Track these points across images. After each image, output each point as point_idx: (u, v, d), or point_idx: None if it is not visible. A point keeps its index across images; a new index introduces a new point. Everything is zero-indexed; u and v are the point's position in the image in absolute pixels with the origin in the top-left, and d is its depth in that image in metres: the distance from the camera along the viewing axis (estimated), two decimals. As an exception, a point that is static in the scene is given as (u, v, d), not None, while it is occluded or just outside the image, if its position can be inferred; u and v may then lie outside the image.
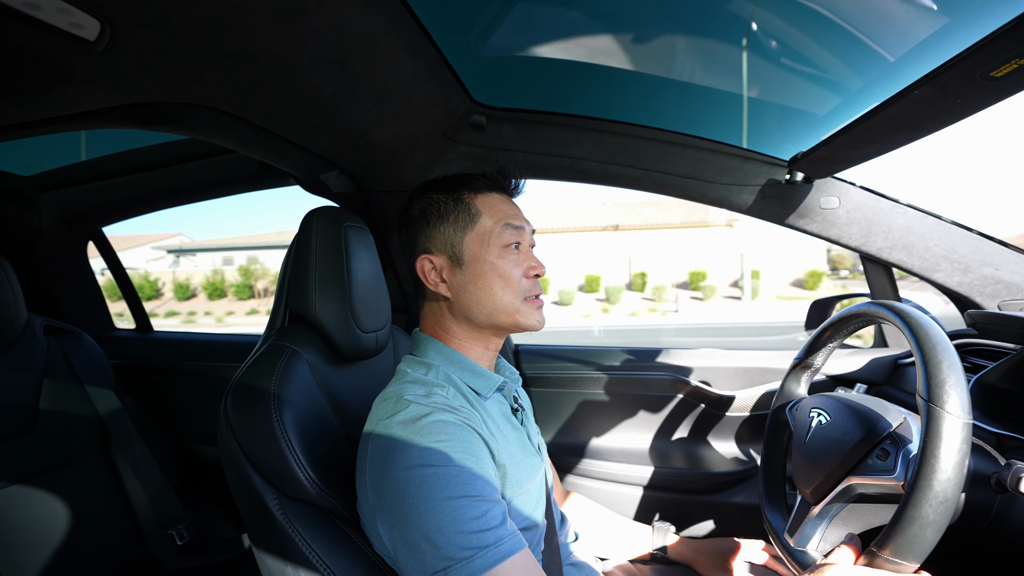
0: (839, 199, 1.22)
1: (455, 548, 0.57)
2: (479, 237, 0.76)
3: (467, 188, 0.78)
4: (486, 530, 0.58)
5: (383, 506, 0.61)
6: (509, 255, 0.76)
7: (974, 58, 0.66)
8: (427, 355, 0.77)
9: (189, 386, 1.76)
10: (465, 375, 0.76)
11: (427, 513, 0.58)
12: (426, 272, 0.77)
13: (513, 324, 0.77)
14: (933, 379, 0.60)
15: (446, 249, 0.77)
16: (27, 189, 1.63)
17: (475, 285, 0.75)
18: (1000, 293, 1.17)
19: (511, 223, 0.77)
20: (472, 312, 0.76)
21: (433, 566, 0.57)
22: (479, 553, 0.57)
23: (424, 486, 0.59)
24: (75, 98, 0.75)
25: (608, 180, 1.31)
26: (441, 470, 0.60)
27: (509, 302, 0.75)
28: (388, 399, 0.68)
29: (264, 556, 0.73)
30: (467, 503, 0.59)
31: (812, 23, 0.94)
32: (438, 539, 0.57)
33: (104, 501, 1.36)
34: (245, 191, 1.62)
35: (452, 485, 0.59)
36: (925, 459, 0.57)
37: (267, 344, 0.83)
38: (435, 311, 0.80)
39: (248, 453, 0.72)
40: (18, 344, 1.31)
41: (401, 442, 0.61)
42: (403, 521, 0.59)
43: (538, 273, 0.78)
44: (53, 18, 0.55)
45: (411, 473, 0.59)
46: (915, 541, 0.57)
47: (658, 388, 1.46)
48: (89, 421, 1.38)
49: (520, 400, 0.89)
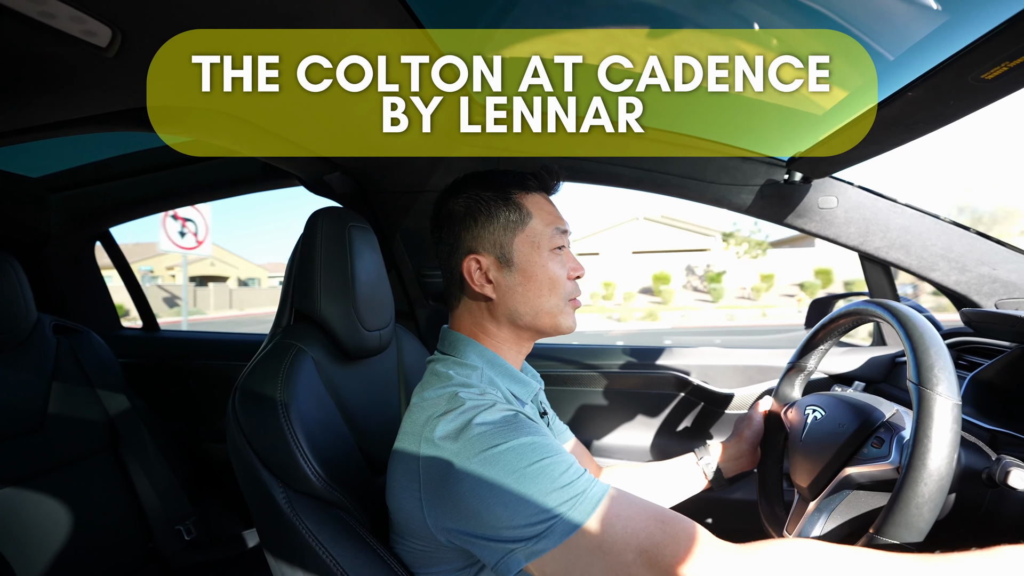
0: (837, 199, 1.23)
1: (556, 501, 0.57)
2: (529, 239, 0.75)
3: (517, 187, 0.77)
4: (578, 478, 0.59)
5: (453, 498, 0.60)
6: (556, 257, 0.76)
7: (966, 60, 0.67)
8: (468, 357, 0.75)
9: (196, 385, 1.78)
10: (506, 380, 0.75)
11: (518, 483, 0.57)
12: (471, 272, 0.75)
13: (553, 326, 0.76)
14: (922, 364, 0.62)
15: (495, 250, 0.75)
16: (35, 191, 1.65)
17: (524, 287, 0.74)
18: (997, 292, 1.18)
19: (560, 227, 0.77)
20: (518, 313, 0.75)
21: (536, 519, 0.56)
22: (580, 497, 0.57)
23: (503, 463, 0.58)
24: (86, 102, 0.77)
25: (608, 180, 1.33)
26: (515, 444, 0.59)
27: (555, 304, 0.75)
28: (439, 399, 0.66)
29: (271, 549, 0.74)
30: (551, 463, 0.59)
31: (811, 22, 0.95)
32: (536, 499, 0.56)
33: (112, 498, 1.39)
34: (250, 192, 1.64)
35: (528, 455, 0.59)
36: (918, 440, 0.59)
37: (273, 342, 0.84)
38: (474, 311, 0.78)
39: (256, 449, 0.73)
40: (28, 343, 1.33)
41: (466, 434, 0.60)
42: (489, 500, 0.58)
43: (579, 275, 0.79)
44: (67, 26, 0.57)
45: (485, 456, 0.59)
46: (913, 520, 0.58)
47: (659, 386, 1.47)
48: (98, 420, 1.40)
49: (544, 404, 0.90)
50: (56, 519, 1.26)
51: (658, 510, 0.59)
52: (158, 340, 1.90)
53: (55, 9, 0.54)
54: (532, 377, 0.87)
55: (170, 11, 0.61)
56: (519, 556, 0.57)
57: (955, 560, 0.56)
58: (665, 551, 0.56)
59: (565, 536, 0.56)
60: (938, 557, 0.57)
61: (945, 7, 0.82)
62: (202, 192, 1.66)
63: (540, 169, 0.81)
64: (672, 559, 0.55)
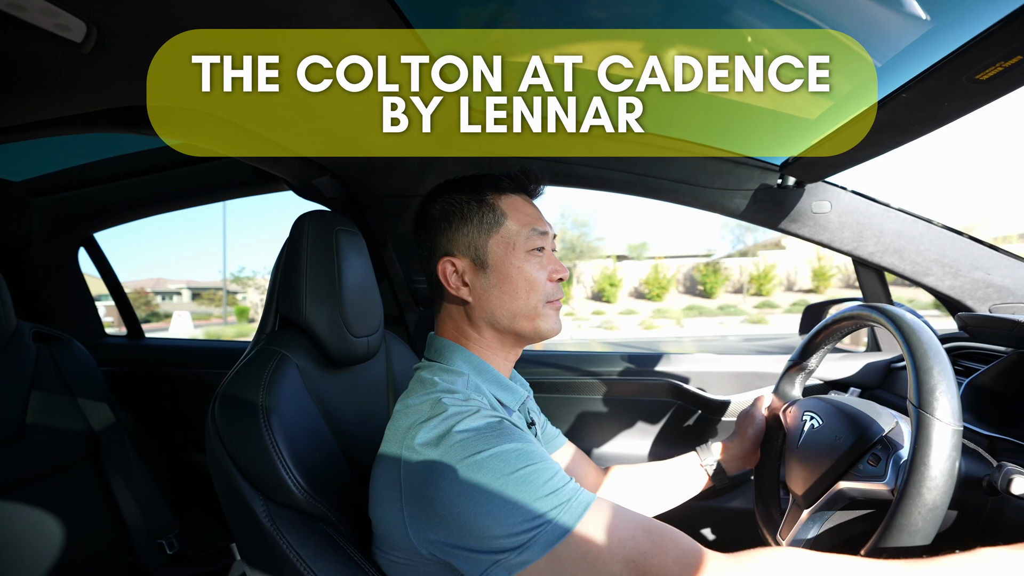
0: (831, 203, 1.22)
1: (541, 509, 0.55)
2: (504, 240, 0.74)
3: (491, 189, 0.77)
4: (563, 486, 0.57)
5: (435, 507, 0.58)
6: (534, 259, 0.75)
7: (959, 61, 0.66)
8: (454, 363, 0.74)
9: (180, 393, 1.74)
10: (493, 387, 0.74)
11: (501, 491, 0.55)
12: (447, 275, 0.75)
13: (533, 329, 0.75)
14: (924, 385, 0.59)
15: (469, 252, 0.74)
16: (17, 195, 1.62)
17: (499, 289, 0.74)
18: (991, 296, 1.18)
19: (537, 228, 0.76)
20: (495, 316, 0.74)
21: (520, 528, 0.55)
22: (565, 505, 0.55)
23: (485, 470, 0.56)
24: (63, 101, 0.75)
25: (600, 185, 1.31)
26: (498, 451, 0.57)
27: (532, 306, 0.74)
28: (422, 405, 0.64)
29: (252, 563, 0.72)
30: (534, 470, 0.57)
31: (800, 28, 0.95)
32: (520, 507, 0.55)
33: (92, 510, 1.34)
34: (238, 196, 1.61)
35: (513, 461, 0.57)
36: (915, 466, 0.57)
37: (256, 349, 0.82)
38: (454, 316, 0.77)
39: (235, 459, 0.71)
40: (7, 350, 1.30)
41: (447, 441, 0.59)
42: (471, 509, 0.56)
43: (561, 277, 0.77)
44: (38, 19, 0.55)
45: (468, 464, 0.57)
46: (903, 550, 0.57)
47: (654, 393, 1.45)
48: (79, 430, 1.36)
49: (532, 413, 0.88)
50: (33, 532, 1.22)
51: (645, 520, 0.58)
52: (143, 348, 1.86)
53: (25, 1, 0.52)
54: (521, 386, 0.85)
55: (148, 7, 0.59)
56: (502, 568, 0.55)
57: (937, 565, 0.55)
58: (653, 561, 0.54)
59: (550, 546, 0.54)
60: (921, 562, 0.56)
61: (933, 11, 0.82)
62: (189, 197, 1.63)
63: (517, 171, 0.80)
64: (660, 570, 0.54)
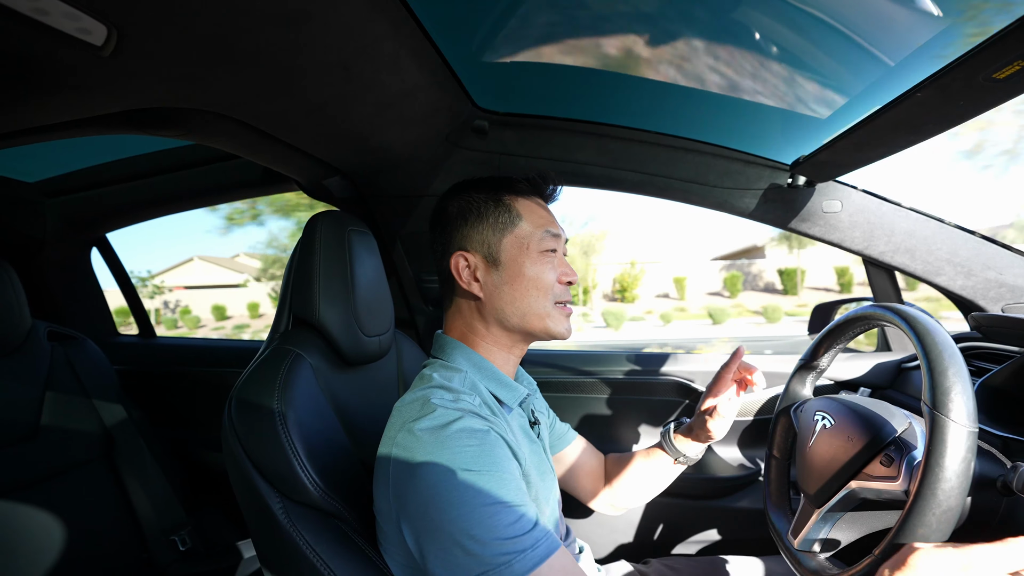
0: (841, 203, 1.22)
1: (492, 555, 0.55)
2: (518, 240, 0.76)
3: (508, 191, 0.79)
4: (522, 534, 0.57)
5: (408, 513, 0.59)
6: (545, 260, 0.77)
7: (976, 60, 0.66)
8: (454, 359, 0.76)
9: (193, 392, 1.75)
10: (491, 384, 0.75)
11: (460, 520, 0.56)
12: (459, 269, 0.76)
13: (543, 329, 0.76)
14: (938, 386, 0.59)
15: (483, 248, 0.76)
16: (31, 195, 1.63)
17: (510, 287, 0.75)
18: (1004, 296, 1.17)
19: (551, 230, 0.78)
20: (504, 314, 0.76)
21: (469, 572, 0.56)
22: (517, 557, 0.56)
23: (456, 493, 0.57)
24: (81, 103, 0.75)
25: (610, 185, 1.31)
26: (472, 476, 0.58)
27: (542, 306, 0.76)
28: (413, 403, 0.65)
29: (268, 561, 0.72)
30: (501, 509, 0.57)
31: (812, 28, 0.95)
32: (473, 547, 0.55)
33: (106, 507, 1.36)
34: (249, 196, 1.62)
35: (484, 492, 0.57)
36: (929, 468, 0.57)
37: (271, 348, 0.82)
38: (464, 311, 0.79)
39: (252, 458, 0.72)
40: (22, 350, 1.31)
41: (428, 448, 0.59)
42: (434, 529, 0.57)
43: (571, 280, 0.79)
44: (60, 23, 0.55)
45: (440, 480, 0.58)
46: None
47: (662, 392, 1.45)
48: (93, 429, 1.38)
49: (536, 412, 0.88)
50: (48, 530, 1.23)
51: None
52: (155, 347, 1.88)
53: (48, 6, 0.53)
54: (526, 384, 0.86)
55: (167, 9, 0.60)
56: None
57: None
58: None
59: None
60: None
61: (946, 10, 0.81)
62: (200, 197, 1.64)
63: (534, 175, 0.82)
64: None
